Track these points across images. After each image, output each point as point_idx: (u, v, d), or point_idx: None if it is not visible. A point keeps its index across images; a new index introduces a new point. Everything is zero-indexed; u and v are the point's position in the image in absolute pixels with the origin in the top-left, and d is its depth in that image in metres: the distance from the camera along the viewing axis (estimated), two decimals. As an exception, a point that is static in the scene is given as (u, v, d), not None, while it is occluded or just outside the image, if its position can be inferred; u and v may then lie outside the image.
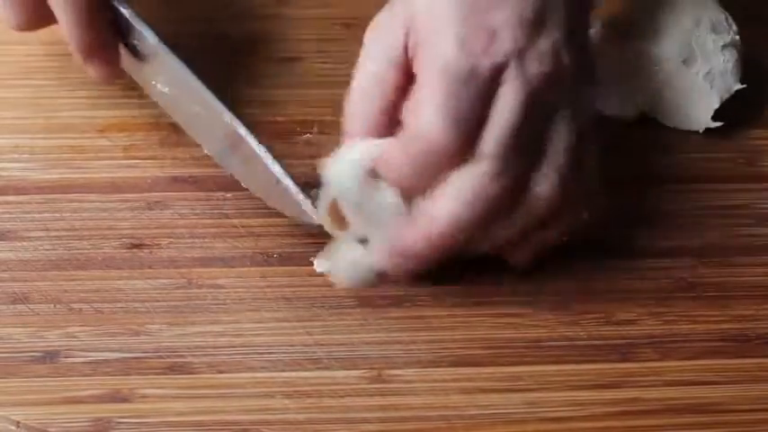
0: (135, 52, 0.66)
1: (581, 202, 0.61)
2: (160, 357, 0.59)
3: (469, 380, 0.59)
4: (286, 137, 0.70)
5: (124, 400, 0.57)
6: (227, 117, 0.63)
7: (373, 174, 0.59)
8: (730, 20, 0.71)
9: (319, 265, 0.63)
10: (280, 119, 0.70)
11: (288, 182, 0.62)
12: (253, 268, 0.63)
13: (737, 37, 0.71)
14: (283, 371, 0.59)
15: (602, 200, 0.62)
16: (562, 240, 0.62)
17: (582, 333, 0.61)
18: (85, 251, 0.63)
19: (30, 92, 0.71)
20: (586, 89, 0.61)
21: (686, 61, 0.70)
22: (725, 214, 0.68)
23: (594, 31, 0.70)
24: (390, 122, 0.60)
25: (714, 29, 0.71)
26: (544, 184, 0.59)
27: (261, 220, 0.65)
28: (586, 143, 0.60)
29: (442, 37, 0.58)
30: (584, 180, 0.61)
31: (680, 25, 0.70)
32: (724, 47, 0.70)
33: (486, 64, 0.58)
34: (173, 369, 0.58)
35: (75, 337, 0.59)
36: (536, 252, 0.62)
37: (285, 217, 0.65)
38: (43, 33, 0.75)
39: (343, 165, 0.60)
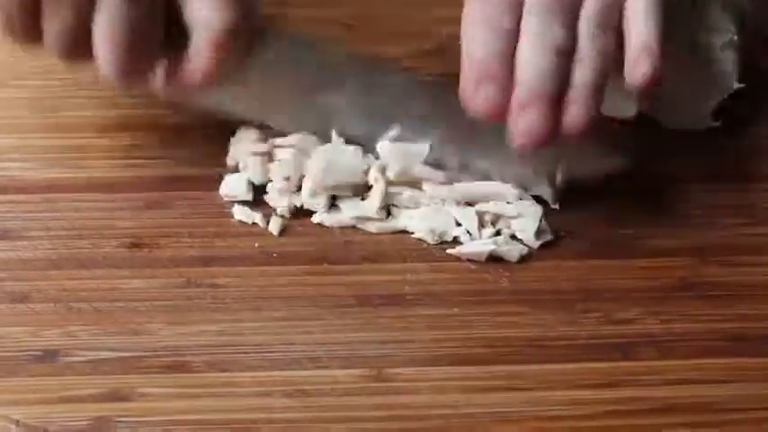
0: None
1: None
2: (159, 356, 0.59)
3: (469, 378, 0.59)
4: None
5: (124, 399, 0.57)
6: None
7: None
8: (729, 19, 0.71)
9: None
10: (280, 119, 0.70)
11: None
12: (253, 268, 0.63)
13: (736, 37, 0.71)
14: (283, 370, 0.59)
15: None
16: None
17: (582, 332, 0.61)
18: (85, 251, 0.63)
19: (30, 92, 0.71)
20: None
21: (685, 61, 0.70)
22: (725, 214, 0.68)
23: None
24: None
25: (713, 28, 0.71)
26: None
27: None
28: None
29: None
30: None
31: (679, 25, 0.70)
32: (723, 46, 0.70)
33: None
34: (172, 368, 0.58)
35: (74, 336, 0.59)
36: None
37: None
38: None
39: None
